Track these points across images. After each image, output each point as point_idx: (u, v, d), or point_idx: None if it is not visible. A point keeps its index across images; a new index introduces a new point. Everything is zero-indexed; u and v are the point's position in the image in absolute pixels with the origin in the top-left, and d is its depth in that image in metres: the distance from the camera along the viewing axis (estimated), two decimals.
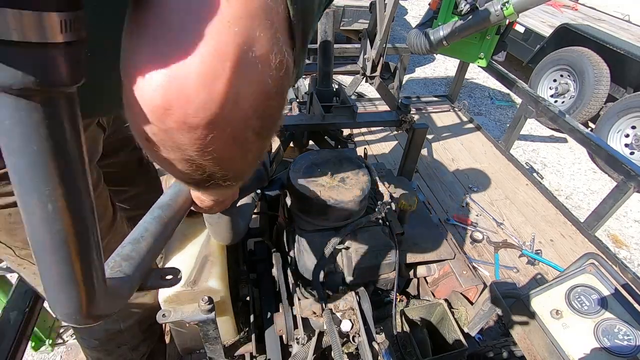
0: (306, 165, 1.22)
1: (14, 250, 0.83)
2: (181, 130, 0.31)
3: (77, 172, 0.32)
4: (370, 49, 2.24)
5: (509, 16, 1.81)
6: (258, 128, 0.36)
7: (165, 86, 0.28)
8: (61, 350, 1.90)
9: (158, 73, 0.28)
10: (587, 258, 1.11)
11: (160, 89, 0.29)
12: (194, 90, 0.29)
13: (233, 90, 0.30)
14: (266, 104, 0.35)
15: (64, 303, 0.39)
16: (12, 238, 0.80)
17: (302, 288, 1.22)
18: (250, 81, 0.32)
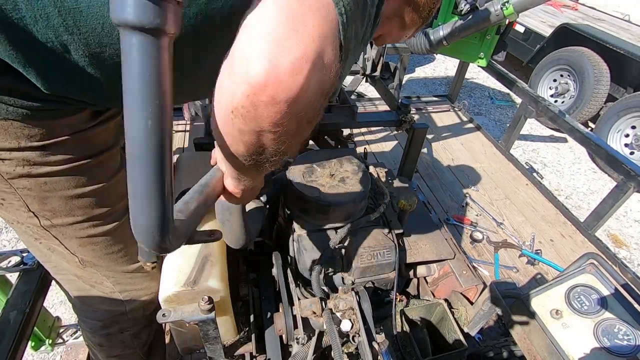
0: (306, 165, 1.22)
1: (40, 220, 0.87)
2: (267, 104, 0.45)
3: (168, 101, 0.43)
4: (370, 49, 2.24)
5: (509, 16, 1.81)
6: (311, 116, 0.51)
7: (268, 69, 0.43)
8: (61, 350, 1.90)
9: (265, 60, 0.43)
10: (587, 258, 1.11)
11: (264, 71, 0.43)
12: (285, 77, 0.43)
13: (307, 82, 0.45)
14: (319, 99, 0.49)
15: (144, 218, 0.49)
16: (42, 207, 0.84)
17: (302, 288, 1.22)
18: (317, 79, 0.46)
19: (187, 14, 0.66)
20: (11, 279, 1.45)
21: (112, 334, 1.20)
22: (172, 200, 0.51)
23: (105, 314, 1.15)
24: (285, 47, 0.43)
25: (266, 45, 0.43)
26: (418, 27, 0.89)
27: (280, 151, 0.55)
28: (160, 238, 0.51)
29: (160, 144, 0.44)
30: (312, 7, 0.46)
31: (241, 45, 0.45)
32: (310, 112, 0.50)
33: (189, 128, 3.06)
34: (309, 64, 0.44)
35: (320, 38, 0.45)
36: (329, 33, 0.47)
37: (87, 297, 1.10)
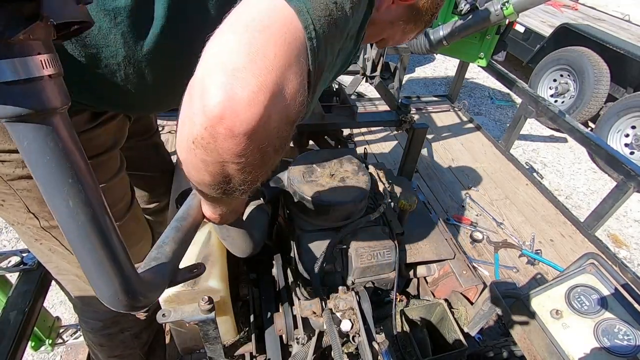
0: (306, 165, 1.22)
1: (40, 221, 0.87)
2: (226, 136, 0.44)
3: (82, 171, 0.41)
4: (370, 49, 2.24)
5: (509, 16, 1.81)
6: (277, 145, 0.50)
7: (224, 101, 0.42)
8: (61, 350, 1.90)
9: (220, 92, 0.42)
10: (587, 258, 1.11)
11: (220, 104, 0.42)
12: (242, 109, 0.42)
13: (266, 113, 0.43)
14: (285, 128, 0.48)
15: (103, 286, 0.47)
16: (42, 208, 0.85)
17: (302, 288, 1.22)
18: (279, 110, 0.45)
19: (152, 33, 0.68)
20: (11, 279, 1.45)
21: (113, 334, 1.21)
22: (128, 262, 0.49)
23: (106, 314, 1.15)
24: (242, 78, 0.42)
25: (222, 76, 0.42)
26: (420, 30, 0.89)
27: (247, 180, 0.53)
28: (129, 300, 0.49)
29: (91, 217, 0.43)
30: (275, 35, 0.44)
31: (199, 74, 0.44)
32: (275, 142, 0.49)
33: None
34: (267, 95, 0.43)
35: (282, 68, 0.44)
36: (293, 61, 0.46)
37: (88, 298, 1.10)
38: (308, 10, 0.47)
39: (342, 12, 0.52)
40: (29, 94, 0.35)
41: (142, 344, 1.29)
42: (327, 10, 0.49)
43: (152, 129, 1.32)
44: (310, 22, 0.47)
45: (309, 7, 0.47)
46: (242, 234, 0.89)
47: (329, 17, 0.50)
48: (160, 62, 0.74)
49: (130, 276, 0.49)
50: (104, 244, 0.45)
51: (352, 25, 0.58)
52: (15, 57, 0.33)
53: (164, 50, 0.72)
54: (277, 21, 0.45)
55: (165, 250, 0.60)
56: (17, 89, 0.34)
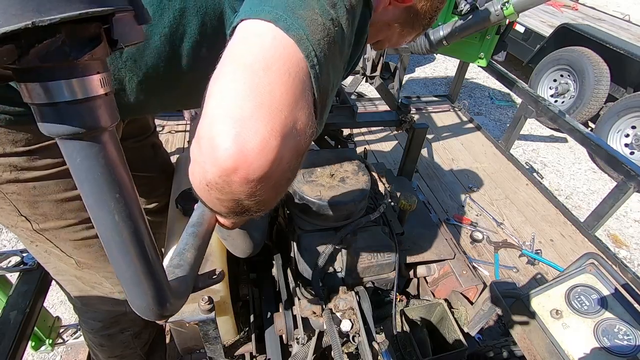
0: (306, 165, 1.22)
1: (32, 224, 0.87)
2: (241, 183, 0.43)
3: (127, 186, 0.42)
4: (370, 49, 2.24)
5: (509, 16, 1.81)
6: (290, 176, 0.50)
7: (235, 154, 0.41)
8: (61, 350, 1.90)
9: (230, 144, 0.41)
10: (587, 258, 1.11)
11: (232, 156, 0.41)
12: (254, 158, 0.41)
13: (279, 156, 0.43)
14: (297, 160, 0.48)
15: (138, 298, 0.49)
16: (33, 211, 0.84)
17: (302, 288, 1.22)
18: (290, 148, 0.44)
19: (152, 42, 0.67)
20: (11, 279, 1.45)
21: (113, 334, 1.20)
22: (163, 274, 0.50)
23: (106, 314, 1.15)
24: (250, 127, 0.40)
25: (229, 126, 0.41)
26: (418, 33, 0.87)
27: (262, 209, 0.53)
28: (160, 310, 0.51)
29: (133, 230, 0.44)
30: (280, 71, 0.43)
31: (206, 124, 0.43)
32: (288, 175, 0.48)
33: (189, 128, 3.06)
34: (279, 139, 0.42)
35: (290, 106, 0.43)
36: (300, 96, 0.44)
37: (87, 298, 1.10)
38: (307, 37, 0.45)
39: (339, 27, 0.50)
40: (85, 112, 0.35)
41: (142, 343, 1.29)
42: (325, 30, 0.47)
43: (149, 130, 1.31)
44: (311, 50, 0.45)
45: (308, 33, 0.45)
46: (242, 234, 0.89)
47: (327, 37, 0.48)
48: (141, 68, 0.72)
49: (164, 287, 0.50)
50: (143, 258, 0.46)
51: (351, 35, 0.56)
52: (79, 77, 0.34)
53: (142, 56, 0.71)
54: (280, 56, 0.43)
55: (187, 257, 0.61)
56: (75, 108, 0.34)
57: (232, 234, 0.88)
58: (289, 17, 0.45)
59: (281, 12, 0.45)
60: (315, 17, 0.46)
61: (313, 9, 0.47)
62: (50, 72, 0.32)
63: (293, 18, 0.45)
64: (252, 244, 0.93)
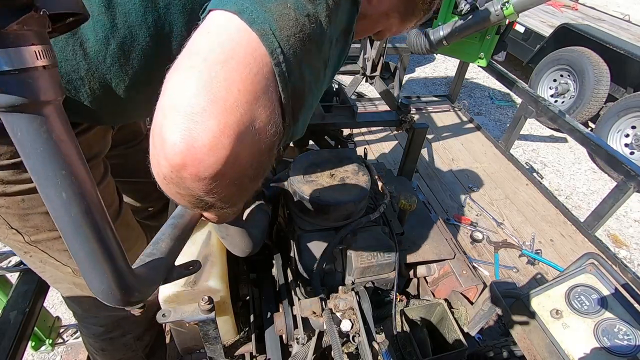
0: (306, 165, 1.22)
1: (24, 237, 0.85)
2: (192, 180, 0.42)
3: (76, 163, 0.41)
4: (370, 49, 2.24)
5: (509, 16, 1.81)
6: (252, 175, 0.47)
7: (183, 151, 0.39)
8: (61, 350, 1.90)
9: (179, 139, 0.39)
10: (587, 258, 1.10)
11: (180, 153, 0.39)
12: (204, 156, 0.40)
13: (233, 155, 0.41)
14: (259, 159, 0.46)
15: (96, 280, 0.47)
16: (24, 224, 0.83)
17: (302, 288, 1.22)
18: (248, 146, 0.42)
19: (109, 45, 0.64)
20: (11, 279, 1.45)
21: (115, 337, 1.20)
22: (121, 256, 0.49)
23: (107, 318, 1.15)
24: (200, 122, 0.38)
25: (180, 121, 0.39)
26: (418, 19, 0.84)
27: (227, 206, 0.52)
28: (123, 295, 0.49)
29: (84, 209, 0.42)
30: (239, 66, 0.40)
31: (157, 118, 0.41)
32: (249, 173, 0.46)
33: None
34: (232, 137, 0.40)
35: (248, 104, 0.40)
36: (261, 93, 0.42)
37: (87, 304, 1.10)
38: (274, 32, 0.42)
39: (317, 23, 0.47)
40: (23, 84, 0.35)
41: (143, 345, 1.29)
42: (297, 26, 0.44)
43: (141, 135, 1.28)
44: (276, 46, 0.42)
45: (275, 28, 0.42)
46: (241, 233, 0.88)
47: (301, 34, 0.45)
48: (127, 72, 0.69)
49: (124, 271, 0.49)
50: (97, 237, 0.44)
51: (333, 32, 0.53)
52: (9, 47, 0.33)
53: (129, 60, 0.67)
54: (240, 49, 0.41)
55: (160, 247, 0.60)
56: (11, 79, 0.34)
57: (230, 233, 0.87)
58: (255, 10, 0.42)
59: (248, 4, 0.42)
60: (286, 11, 0.44)
61: (285, 2, 0.44)
62: None
63: (260, 11, 0.42)
64: (251, 242, 0.92)
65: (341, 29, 0.57)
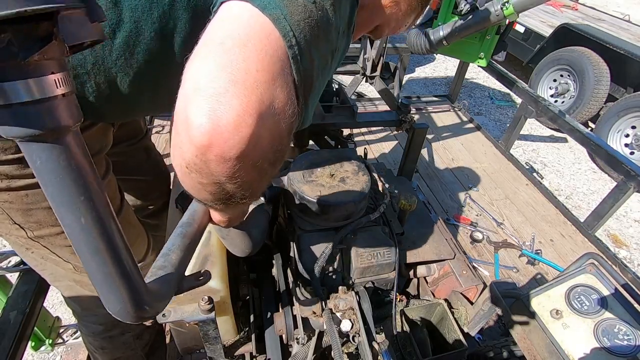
0: (306, 165, 1.22)
1: (26, 232, 0.85)
2: (218, 162, 0.43)
3: (94, 187, 0.41)
4: (370, 49, 2.24)
5: (509, 16, 1.81)
6: (272, 159, 0.48)
7: (209, 130, 0.40)
8: (61, 350, 1.90)
9: (204, 120, 0.40)
10: (587, 258, 1.10)
11: (206, 133, 0.40)
12: (229, 135, 0.41)
13: (256, 134, 0.42)
14: (279, 141, 0.47)
15: (113, 300, 0.47)
16: (27, 219, 0.83)
17: (302, 288, 1.22)
18: (269, 127, 0.43)
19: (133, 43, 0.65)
20: (11, 279, 1.45)
21: (114, 336, 1.20)
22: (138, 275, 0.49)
23: (106, 317, 1.15)
24: (224, 102, 0.40)
25: (205, 103, 0.40)
26: (417, 14, 0.83)
27: (247, 195, 0.52)
28: (137, 311, 0.49)
29: (102, 232, 0.43)
30: (256, 48, 0.42)
31: (181, 103, 0.43)
32: (270, 156, 0.47)
33: None
34: (255, 115, 0.41)
35: (267, 83, 0.42)
36: (278, 74, 0.43)
37: (87, 302, 1.10)
38: (285, 17, 0.44)
39: (323, 11, 0.49)
40: (42, 113, 0.34)
41: (143, 344, 1.29)
42: (305, 12, 0.46)
43: (141, 133, 1.29)
44: (289, 29, 0.44)
45: (286, 13, 0.44)
46: (241, 233, 0.89)
47: (309, 20, 0.47)
48: (132, 66, 0.69)
49: (140, 289, 0.49)
50: (114, 259, 0.45)
51: (339, 22, 0.55)
52: (29, 78, 0.33)
53: (134, 54, 0.68)
54: (255, 34, 0.43)
55: (171, 259, 0.60)
56: (31, 109, 0.34)
57: (231, 233, 0.88)
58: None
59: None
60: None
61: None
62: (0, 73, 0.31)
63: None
64: (251, 243, 0.92)
65: (345, 20, 0.58)
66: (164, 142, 2.95)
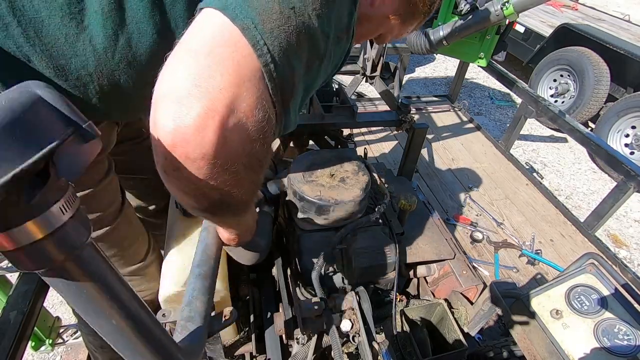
0: (306, 165, 1.22)
1: None
2: (186, 162, 0.44)
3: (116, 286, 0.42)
4: (370, 49, 2.24)
5: (509, 16, 1.81)
6: (247, 163, 0.49)
7: (172, 132, 0.43)
8: (61, 350, 1.90)
9: (169, 122, 0.42)
10: (587, 258, 1.10)
11: (169, 134, 0.43)
12: (191, 136, 0.42)
13: (220, 135, 0.43)
14: (250, 146, 0.48)
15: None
16: None
17: (302, 288, 1.22)
18: (235, 129, 0.45)
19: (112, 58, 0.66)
20: (11, 279, 1.45)
21: None
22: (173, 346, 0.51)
23: None
24: (186, 104, 0.42)
25: (168, 106, 0.43)
26: (420, 22, 0.85)
27: (232, 201, 0.54)
28: None
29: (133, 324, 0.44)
30: (222, 56, 0.44)
31: (152, 108, 0.45)
32: (244, 160, 0.48)
33: None
34: (217, 117, 0.42)
35: (231, 87, 0.43)
36: (244, 79, 0.44)
37: None
38: (256, 26, 0.45)
39: (304, 16, 0.49)
40: (55, 244, 0.34)
41: None
42: (281, 19, 0.47)
43: (145, 133, 1.30)
44: (259, 39, 0.45)
45: (257, 22, 0.45)
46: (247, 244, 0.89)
47: (286, 26, 0.47)
48: (134, 67, 0.69)
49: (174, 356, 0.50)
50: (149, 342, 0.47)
51: (327, 28, 0.54)
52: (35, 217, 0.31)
53: (136, 56, 0.68)
54: (224, 42, 0.44)
55: (196, 307, 0.61)
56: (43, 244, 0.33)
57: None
58: (238, 6, 0.45)
59: (232, 1, 0.46)
60: (270, 5, 0.46)
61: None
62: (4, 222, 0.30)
63: (243, 7, 0.45)
64: (258, 250, 0.93)
65: (341, 25, 0.58)
66: None
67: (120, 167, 1.08)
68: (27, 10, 0.57)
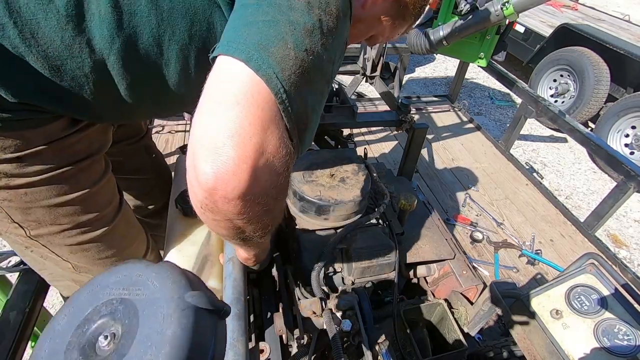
0: (306, 165, 1.22)
1: (25, 230, 0.86)
2: (223, 202, 0.51)
3: None
4: (370, 49, 2.24)
5: (509, 16, 1.80)
6: (274, 194, 0.55)
7: (213, 178, 0.49)
8: None
9: (209, 170, 0.49)
10: (587, 258, 1.10)
11: (211, 180, 0.49)
12: (229, 180, 0.49)
13: (252, 176, 0.49)
14: (277, 179, 0.54)
15: None
16: (26, 217, 0.84)
17: (302, 288, 1.22)
18: (265, 169, 0.51)
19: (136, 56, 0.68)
20: (11, 279, 1.45)
21: None
22: None
23: None
24: (223, 154, 0.48)
25: (207, 155, 0.49)
26: (411, 23, 0.87)
27: (259, 228, 0.60)
28: None
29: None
30: (249, 106, 0.49)
31: (190, 153, 0.51)
32: (271, 192, 0.55)
33: (189, 128, 3.06)
34: (249, 162, 0.49)
35: (259, 134, 0.49)
36: (269, 124, 0.50)
37: None
38: (277, 75, 0.50)
39: (315, 54, 0.55)
40: None
41: None
42: (296, 63, 0.52)
43: (141, 132, 1.29)
44: (279, 87, 0.50)
45: (277, 71, 0.50)
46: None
47: (301, 69, 0.53)
48: (128, 70, 0.69)
49: None
50: None
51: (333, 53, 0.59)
52: None
53: (131, 59, 0.68)
54: (250, 93, 0.49)
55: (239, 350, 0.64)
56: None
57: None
58: (260, 57, 0.50)
59: (253, 51, 0.50)
60: (287, 52, 0.51)
61: (286, 43, 0.52)
62: None
63: (264, 57, 0.50)
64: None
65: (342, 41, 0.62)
66: (164, 142, 2.95)
67: (117, 168, 1.08)
68: (23, 12, 0.57)
